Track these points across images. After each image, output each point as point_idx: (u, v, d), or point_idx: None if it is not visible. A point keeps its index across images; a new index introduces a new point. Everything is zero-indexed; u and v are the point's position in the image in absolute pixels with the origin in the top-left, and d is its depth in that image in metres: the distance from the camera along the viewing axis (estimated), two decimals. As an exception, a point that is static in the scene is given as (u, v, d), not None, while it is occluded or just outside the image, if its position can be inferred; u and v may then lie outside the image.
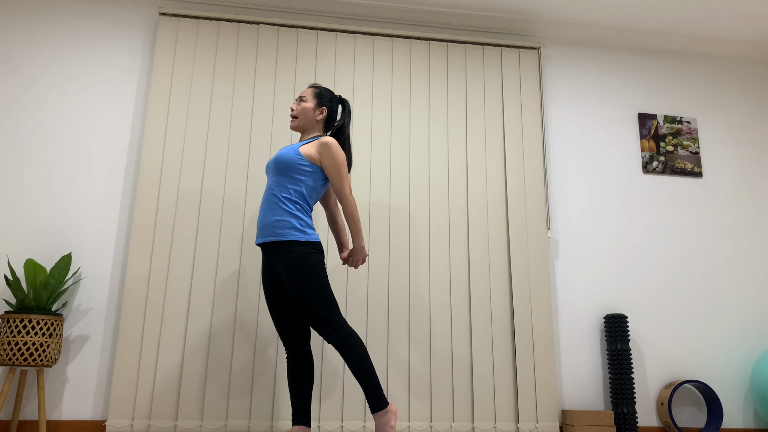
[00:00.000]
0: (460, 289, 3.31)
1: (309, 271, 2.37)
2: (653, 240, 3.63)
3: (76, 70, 3.38)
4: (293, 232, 2.41)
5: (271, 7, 3.63)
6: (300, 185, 2.48)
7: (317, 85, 2.71)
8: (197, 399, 2.98)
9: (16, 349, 2.70)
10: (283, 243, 2.42)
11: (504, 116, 3.59)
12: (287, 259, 2.39)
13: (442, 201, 3.41)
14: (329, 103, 2.66)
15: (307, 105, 2.63)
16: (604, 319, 3.38)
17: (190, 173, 3.25)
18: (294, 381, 2.49)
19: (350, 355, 2.34)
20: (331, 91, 2.70)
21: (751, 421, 3.45)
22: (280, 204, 2.45)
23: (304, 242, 2.41)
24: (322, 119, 2.65)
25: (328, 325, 2.36)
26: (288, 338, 2.51)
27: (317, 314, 2.36)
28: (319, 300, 2.36)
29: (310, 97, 2.65)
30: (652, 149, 3.77)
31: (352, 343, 2.35)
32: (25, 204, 3.16)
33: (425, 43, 3.65)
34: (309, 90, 2.67)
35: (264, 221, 2.48)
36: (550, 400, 3.20)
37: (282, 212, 2.44)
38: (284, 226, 2.42)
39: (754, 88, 4.03)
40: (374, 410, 2.34)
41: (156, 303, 3.05)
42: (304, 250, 2.40)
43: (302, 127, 2.64)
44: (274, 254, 2.44)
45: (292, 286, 2.38)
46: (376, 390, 2.34)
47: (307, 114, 2.62)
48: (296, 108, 2.64)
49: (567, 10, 3.78)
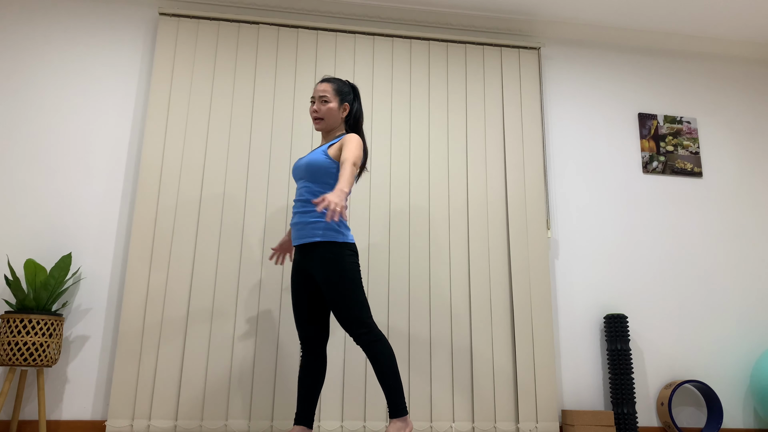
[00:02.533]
0: (460, 289, 3.31)
1: (345, 272, 2.38)
2: (653, 240, 3.63)
3: (76, 70, 3.38)
4: (331, 233, 2.42)
5: (271, 7, 3.63)
6: (331, 188, 2.49)
7: (332, 79, 2.62)
8: (197, 399, 2.98)
9: (16, 349, 2.70)
10: (320, 244, 2.42)
11: (504, 116, 3.59)
12: (324, 260, 2.39)
13: (442, 201, 3.41)
14: (349, 98, 2.63)
15: (332, 105, 2.57)
16: (604, 319, 3.38)
17: (190, 173, 3.25)
18: (304, 380, 2.49)
19: (378, 359, 2.35)
20: (346, 83, 2.65)
21: (751, 421, 3.45)
22: (314, 208, 2.45)
23: (342, 243, 2.42)
24: (345, 115, 2.63)
25: (360, 326, 2.37)
26: (307, 338, 2.51)
27: (350, 315, 2.36)
28: (352, 302, 2.37)
29: (331, 95, 2.58)
30: (652, 149, 3.77)
31: (381, 348, 2.36)
32: (25, 204, 3.16)
33: (425, 43, 3.65)
34: (327, 86, 2.59)
35: (300, 223, 2.47)
36: (550, 400, 3.20)
37: (317, 214, 2.44)
38: (320, 227, 2.42)
39: (754, 88, 4.03)
40: (393, 415, 2.34)
41: (156, 303, 3.05)
42: (341, 252, 2.40)
43: (328, 128, 2.61)
44: (310, 255, 2.44)
45: (327, 287, 2.38)
46: (398, 396, 2.35)
47: (333, 114, 2.58)
48: (321, 109, 2.57)
49: (567, 10, 3.78)
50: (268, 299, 3.15)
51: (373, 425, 3.06)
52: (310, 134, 3.40)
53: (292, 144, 3.37)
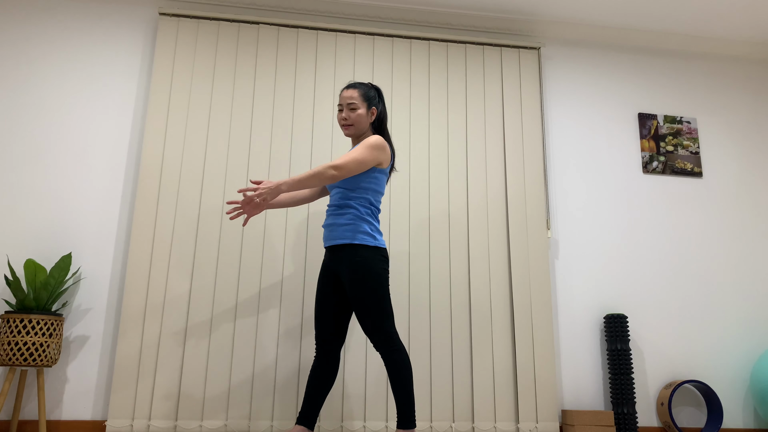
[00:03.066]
0: (460, 289, 3.30)
1: (373, 278, 2.38)
2: (653, 240, 3.63)
3: (76, 70, 3.38)
4: (364, 237, 2.42)
5: (271, 7, 3.63)
6: (366, 192, 2.49)
7: (357, 84, 2.62)
8: (197, 399, 2.98)
9: (16, 349, 2.70)
10: (351, 246, 2.42)
11: (504, 116, 3.59)
12: (354, 263, 2.39)
13: (442, 201, 3.41)
14: (375, 101, 2.63)
15: (360, 111, 2.57)
16: (604, 319, 3.38)
17: (190, 173, 3.25)
18: (314, 381, 2.48)
19: (395, 369, 2.35)
20: (371, 86, 2.65)
21: (751, 421, 3.45)
22: (350, 210, 2.46)
23: (373, 247, 2.42)
24: (373, 119, 2.63)
25: (381, 334, 2.37)
26: (323, 339, 2.50)
27: (373, 322, 2.37)
28: (377, 308, 2.37)
29: (359, 101, 2.58)
30: (652, 149, 3.77)
31: (400, 359, 2.36)
32: (25, 204, 3.16)
33: (425, 43, 3.65)
34: (354, 92, 2.59)
35: (334, 224, 2.48)
36: (550, 400, 3.20)
37: (352, 216, 2.45)
38: (355, 230, 2.43)
39: (754, 88, 4.03)
40: (400, 426, 2.34)
41: (156, 303, 3.05)
42: (372, 256, 2.40)
43: (357, 134, 2.61)
44: (340, 256, 2.44)
45: (354, 291, 2.38)
46: (409, 408, 2.35)
47: (362, 120, 2.58)
48: (350, 116, 2.57)
49: (567, 10, 3.78)
50: (268, 299, 3.15)
51: (373, 425, 3.06)
52: (310, 134, 3.40)
53: (292, 144, 3.37)
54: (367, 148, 2.45)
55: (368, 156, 2.44)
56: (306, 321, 3.15)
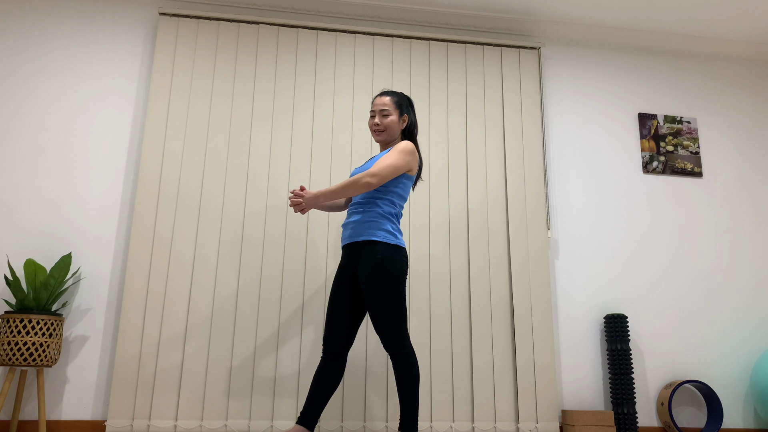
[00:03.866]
0: (460, 289, 3.31)
1: (391, 276, 2.38)
2: (653, 240, 3.63)
3: (76, 70, 3.38)
4: (385, 234, 2.43)
5: (271, 7, 3.63)
6: (391, 195, 2.51)
7: (390, 92, 2.66)
8: (197, 399, 2.98)
9: (16, 349, 2.70)
10: (371, 243, 2.42)
11: (504, 116, 3.59)
12: (374, 260, 2.39)
13: (442, 201, 3.41)
14: (407, 110, 2.66)
15: (393, 118, 2.60)
16: (604, 319, 3.38)
17: (190, 173, 3.25)
18: (318, 381, 2.47)
19: (402, 372, 2.35)
20: (403, 95, 2.68)
21: (751, 421, 3.45)
22: (372, 209, 2.47)
23: (394, 246, 2.43)
24: (404, 126, 2.65)
25: (393, 334, 2.36)
26: (332, 340, 2.49)
27: (386, 322, 2.36)
28: (392, 308, 2.37)
29: (392, 108, 2.61)
30: (652, 149, 3.77)
31: (408, 362, 2.36)
32: (25, 204, 3.16)
33: (425, 43, 3.65)
34: (387, 99, 2.62)
35: (354, 222, 2.49)
36: (550, 400, 3.20)
37: (374, 215, 2.46)
38: (376, 227, 2.44)
39: (754, 88, 4.03)
40: (402, 429, 2.34)
41: (156, 303, 3.05)
42: (392, 255, 2.41)
43: (388, 139, 2.64)
44: (358, 253, 2.45)
45: (370, 288, 2.38)
46: (412, 413, 2.34)
47: (393, 126, 2.61)
48: (382, 122, 2.60)
49: (567, 10, 3.78)
50: (268, 299, 3.15)
51: (373, 425, 3.06)
52: (310, 134, 3.40)
53: (291, 144, 3.37)
54: (400, 153, 2.47)
55: (402, 161, 2.47)
56: (306, 321, 3.15)
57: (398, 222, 2.53)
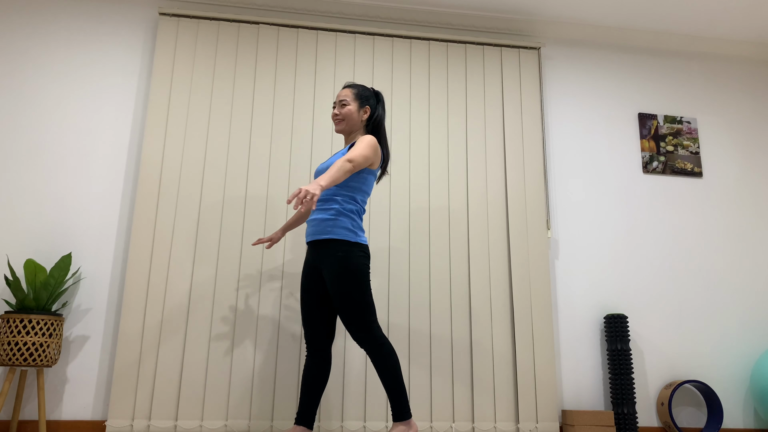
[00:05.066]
0: (460, 289, 3.31)
1: (354, 273, 2.39)
2: (653, 240, 3.63)
3: (76, 70, 3.38)
4: (345, 232, 2.43)
5: (271, 7, 3.63)
6: (353, 190, 2.51)
7: (353, 84, 2.67)
8: (197, 399, 2.98)
9: (16, 349, 2.70)
10: (333, 241, 2.43)
11: (504, 116, 3.59)
12: (335, 258, 2.40)
13: (442, 201, 3.41)
14: (370, 101, 2.65)
15: (351, 107, 2.60)
16: (604, 319, 3.38)
17: (190, 173, 3.25)
18: (307, 379, 2.49)
19: (381, 363, 2.36)
20: (368, 88, 2.68)
21: (751, 421, 3.45)
22: (333, 205, 2.47)
23: (354, 243, 2.43)
24: (366, 118, 2.64)
25: (364, 330, 2.37)
26: (312, 336, 2.51)
27: (355, 317, 2.37)
28: (359, 303, 2.37)
29: (351, 98, 2.62)
30: (652, 149, 3.77)
31: (385, 352, 2.37)
32: (25, 204, 3.16)
33: (425, 43, 3.65)
34: (347, 91, 2.64)
35: (316, 219, 2.49)
36: (550, 400, 3.20)
37: (335, 212, 2.46)
38: (337, 225, 2.44)
39: (754, 88, 4.03)
40: (396, 419, 2.35)
41: (156, 303, 3.05)
42: (353, 251, 2.41)
43: (347, 130, 2.63)
44: (321, 252, 2.45)
45: (335, 286, 2.39)
46: (401, 400, 2.35)
47: (352, 116, 2.61)
48: (340, 112, 2.61)
49: (567, 10, 3.78)
50: (268, 299, 3.15)
51: (373, 425, 3.06)
52: (310, 134, 3.40)
53: (291, 144, 3.37)
54: (367, 146, 2.46)
55: (370, 154, 2.47)
56: (306, 321, 3.15)
57: (360, 218, 2.52)
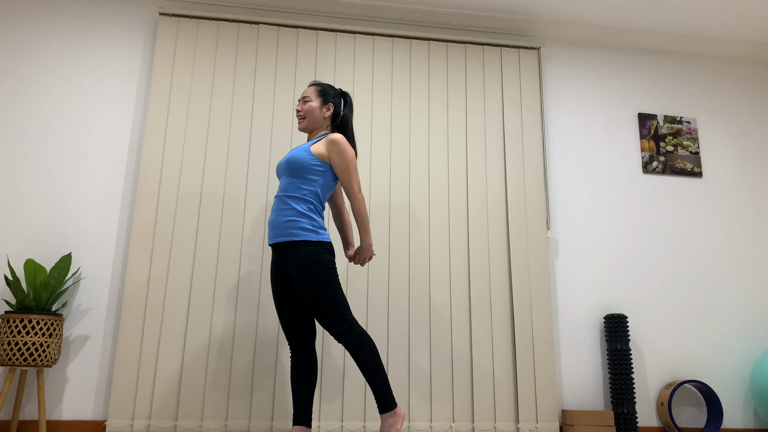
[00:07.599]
0: (460, 289, 3.31)
1: (320, 270, 2.38)
2: (653, 240, 3.63)
3: (76, 70, 3.38)
4: (305, 233, 2.42)
5: (271, 7, 3.63)
6: (313, 185, 2.50)
7: (318, 82, 2.70)
8: (197, 399, 2.98)
9: (16, 349, 2.70)
10: (295, 243, 2.42)
11: (504, 116, 3.59)
12: (299, 259, 2.40)
13: (442, 201, 3.41)
14: (334, 99, 2.67)
15: (313, 104, 2.62)
16: (604, 319, 3.39)
17: (190, 173, 3.25)
18: (297, 380, 2.49)
19: (360, 355, 2.35)
20: (332, 86, 2.70)
21: (751, 421, 3.45)
22: (292, 204, 2.47)
23: (316, 242, 2.43)
24: (329, 116, 2.65)
25: (339, 324, 2.37)
26: (293, 337, 2.51)
27: (328, 313, 2.37)
28: (329, 299, 2.37)
29: (314, 96, 2.64)
30: (652, 149, 3.77)
31: (362, 343, 2.36)
32: (25, 204, 3.16)
33: (425, 43, 3.65)
34: (311, 89, 2.66)
35: (276, 222, 2.49)
36: (550, 400, 3.20)
37: (294, 212, 2.45)
38: (296, 227, 2.43)
39: (754, 88, 4.03)
40: (382, 411, 2.34)
41: (156, 303, 3.05)
42: (315, 250, 2.41)
43: (310, 127, 2.64)
44: (285, 254, 2.45)
45: (304, 286, 2.39)
46: (385, 391, 2.34)
47: (314, 113, 2.62)
48: (302, 108, 2.63)
49: (567, 10, 3.78)
50: (268, 299, 3.15)
51: (373, 425, 3.06)
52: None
53: (291, 144, 3.37)
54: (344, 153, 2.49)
55: (351, 155, 2.51)
56: (306, 321, 3.15)
57: (320, 216, 2.51)
